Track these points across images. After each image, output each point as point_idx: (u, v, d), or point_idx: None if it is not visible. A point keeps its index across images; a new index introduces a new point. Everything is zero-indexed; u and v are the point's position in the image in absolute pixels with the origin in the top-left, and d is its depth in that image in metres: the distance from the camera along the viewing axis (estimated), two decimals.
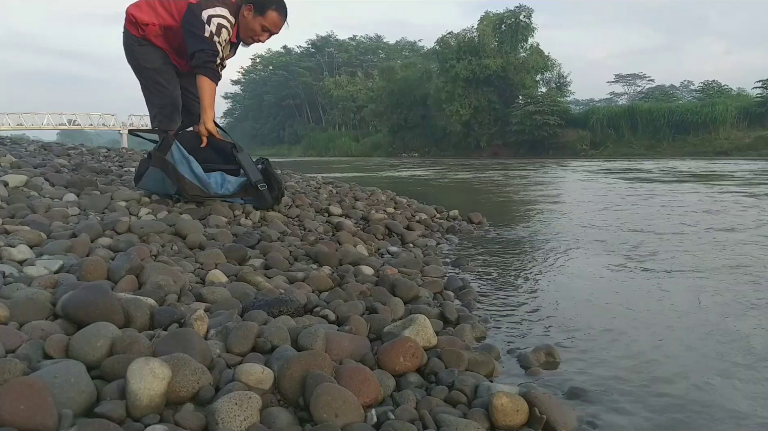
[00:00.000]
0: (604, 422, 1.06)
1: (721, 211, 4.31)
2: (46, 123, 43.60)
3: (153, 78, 2.77)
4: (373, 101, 40.44)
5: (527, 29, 32.78)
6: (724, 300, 1.89)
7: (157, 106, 2.81)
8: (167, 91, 2.81)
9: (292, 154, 43.66)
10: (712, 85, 33.51)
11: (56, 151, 5.33)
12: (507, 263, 2.55)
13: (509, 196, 6.29)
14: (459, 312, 1.64)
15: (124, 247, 1.75)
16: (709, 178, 8.74)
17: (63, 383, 0.85)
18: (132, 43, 2.73)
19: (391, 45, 58.58)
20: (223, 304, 1.40)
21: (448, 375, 1.14)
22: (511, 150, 29.89)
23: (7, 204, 2.19)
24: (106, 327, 1.03)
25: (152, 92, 2.80)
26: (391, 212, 3.50)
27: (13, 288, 1.26)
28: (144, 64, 2.75)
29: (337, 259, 2.10)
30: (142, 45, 2.72)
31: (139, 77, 2.81)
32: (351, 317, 1.38)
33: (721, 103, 25.50)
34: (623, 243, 2.96)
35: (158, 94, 2.79)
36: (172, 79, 2.81)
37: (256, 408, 0.89)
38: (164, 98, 2.80)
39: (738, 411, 1.11)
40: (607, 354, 1.41)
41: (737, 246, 2.84)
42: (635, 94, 47.16)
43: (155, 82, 2.78)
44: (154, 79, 2.78)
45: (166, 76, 2.79)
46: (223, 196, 2.60)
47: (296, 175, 5.37)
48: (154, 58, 2.75)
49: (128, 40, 2.75)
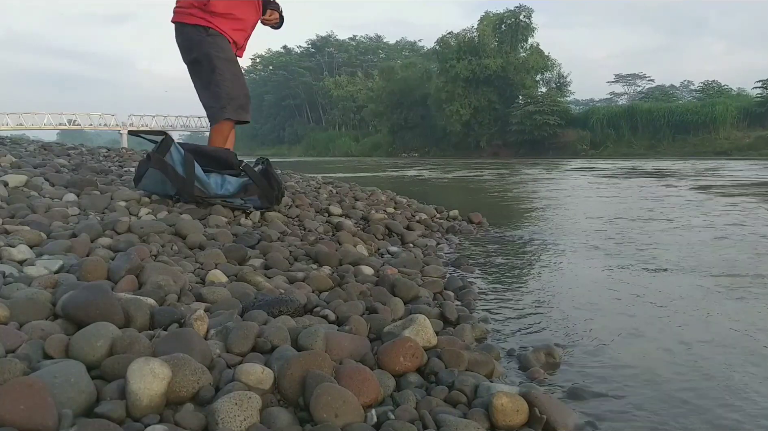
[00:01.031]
0: (605, 422, 1.06)
1: (723, 212, 4.31)
2: (46, 123, 43.58)
3: (226, 68, 2.76)
4: (373, 101, 40.46)
5: (527, 29, 32.81)
6: (726, 300, 1.89)
7: (226, 97, 2.78)
8: (240, 81, 2.80)
9: (292, 154, 43.67)
10: (712, 85, 33.54)
11: (56, 151, 5.33)
12: (507, 263, 2.55)
13: (509, 196, 6.29)
14: (459, 312, 1.64)
15: (124, 247, 1.74)
16: (712, 178, 8.74)
17: (63, 383, 0.85)
18: (198, 34, 2.72)
19: (391, 45, 58.60)
20: (223, 304, 1.40)
21: (448, 375, 1.14)
22: (511, 150, 29.90)
23: (7, 204, 2.18)
24: (106, 327, 1.03)
25: (223, 82, 2.77)
26: (391, 212, 3.50)
27: (13, 288, 1.26)
28: (216, 53, 2.73)
29: (337, 259, 2.10)
30: (212, 35, 2.71)
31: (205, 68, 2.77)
32: (351, 317, 1.38)
33: (721, 103, 25.52)
34: (624, 244, 2.96)
35: (232, 83, 2.77)
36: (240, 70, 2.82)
37: (256, 408, 0.89)
38: (238, 88, 2.79)
39: (739, 412, 1.11)
40: (608, 355, 1.41)
41: (741, 247, 2.83)
42: (635, 94, 47.17)
43: (230, 72, 2.76)
44: (229, 69, 2.76)
45: (237, 66, 2.79)
46: (223, 196, 2.60)
47: (296, 175, 5.37)
48: (226, 48, 2.75)
49: (192, 32, 2.72)
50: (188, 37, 2.74)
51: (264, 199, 2.67)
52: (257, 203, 2.67)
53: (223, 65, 2.77)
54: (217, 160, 2.66)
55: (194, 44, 2.74)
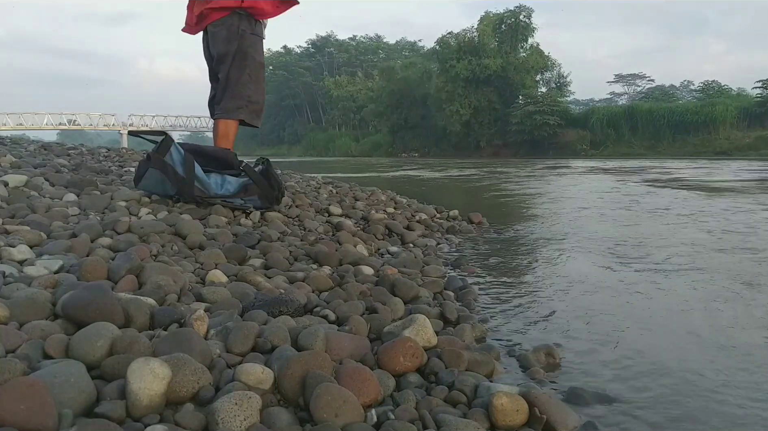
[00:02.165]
0: (605, 422, 1.06)
1: (723, 213, 4.31)
2: (46, 123, 43.59)
3: (258, 71, 2.78)
4: (373, 101, 40.50)
5: (527, 29, 32.84)
6: (728, 301, 1.89)
7: (246, 99, 2.80)
8: (262, 87, 2.82)
9: (292, 154, 43.69)
10: (712, 85, 33.55)
11: (56, 151, 5.32)
12: (507, 263, 2.55)
13: (509, 196, 6.29)
14: (459, 312, 1.64)
15: (124, 247, 1.75)
16: (712, 178, 8.74)
17: (63, 383, 0.85)
18: (245, 29, 2.74)
19: (391, 45, 58.65)
20: (223, 304, 1.40)
21: (448, 375, 1.14)
22: (511, 150, 29.92)
23: (7, 204, 2.18)
24: (106, 327, 1.03)
25: (249, 83, 2.78)
26: (391, 212, 3.50)
27: (13, 288, 1.26)
28: (254, 54, 2.76)
29: (337, 259, 2.10)
30: (255, 34, 2.74)
31: (238, 65, 2.78)
32: (351, 317, 1.38)
33: (721, 103, 25.54)
34: (624, 243, 2.96)
35: (256, 88, 2.79)
36: (264, 76, 2.84)
37: (256, 408, 0.89)
38: (260, 95, 2.81)
39: (740, 413, 1.11)
40: (608, 355, 1.41)
41: (741, 247, 2.83)
42: (635, 94, 47.20)
43: (258, 76, 2.78)
44: (259, 73, 2.78)
45: (264, 71, 2.81)
46: (223, 196, 2.60)
47: (296, 175, 5.37)
48: (261, 52, 2.77)
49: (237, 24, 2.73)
50: (230, 27, 2.74)
51: (264, 199, 2.67)
52: (257, 203, 2.67)
53: (256, 67, 2.79)
54: (217, 160, 2.66)
55: (236, 36, 2.75)
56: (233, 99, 2.82)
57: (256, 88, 2.82)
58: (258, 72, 2.81)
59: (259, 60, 2.79)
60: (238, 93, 2.80)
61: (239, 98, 2.80)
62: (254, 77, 2.81)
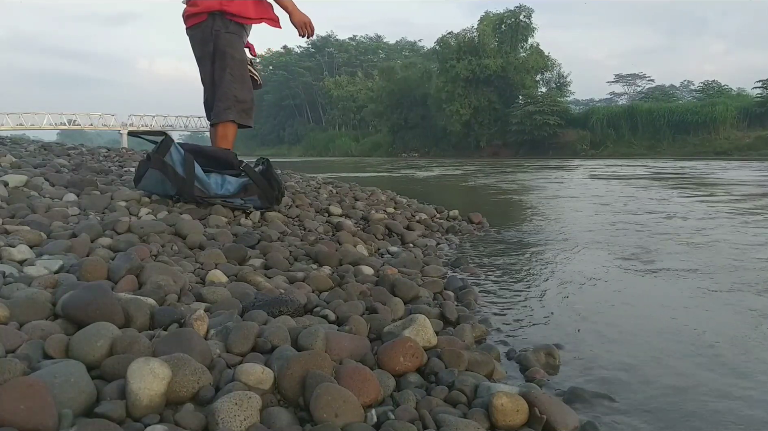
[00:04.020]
0: (605, 422, 1.06)
1: (725, 214, 4.31)
2: (46, 123, 43.58)
3: (239, 69, 2.75)
4: (373, 101, 40.49)
5: (527, 29, 32.83)
6: (729, 302, 1.89)
7: (233, 98, 2.77)
8: (249, 85, 2.78)
9: (292, 154, 43.69)
10: (712, 85, 33.55)
11: (56, 151, 5.32)
12: (507, 263, 2.55)
13: (509, 196, 6.29)
14: (459, 312, 1.64)
15: (124, 247, 1.75)
16: (711, 179, 8.74)
17: (63, 383, 0.85)
18: (219, 29, 2.72)
19: (391, 45, 58.66)
20: (223, 304, 1.40)
21: (448, 375, 1.14)
22: (511, 150, 29.92)
23: (7, 204, 2.18)
24: (106, 327, 1.03)
25: (233, 83, 2.76)
26: (391, 212, 3.50)
27: (13, 288, 1.26)
28: (233, 52, 2.73)
29: (337, 259, 2.10)
30: (230, 32, 2.71)
31: (218, 66, 2.76)
32: (351, 317, 1.38)
33: (721, 103, 25.54)
34: (624, 243, 2.96)
35: (241, 86, 2.76)
36: (248, 73, 2.80)
37: (256, 408, 0.89)
38: (246, 92, 2.77)
39: (740, 413, 1.11)
40: (608, 355, 1.41)
41: (743, 248, 2.83)
42: (635, 94, 47.20)
43: (241, 74, 2.75)
44: (241, 71, 2.75)
45: (247, 68, 2.77)
46: (223, 196, 2.60)
47: (296, 175, 5.37)
48: (241, 49, 2.74)
49: (211, 25, 2.72)
50: (205, 28, 2.73)
51: (264, 199, 2.67)
52: (257, 203, 2.67)
53: (237, 65, 2.76)
54: (217, 160, 2.67)
55: (211, 37, 2.74)
56: (221, 101, 2.82)
57: (241, 86, 2.80)
58: (240, 69, 2.78)
59: (239, 57, 2.76)
60: (224, 94, 2.80)
61: (226, 99, 2.80)
62: (237, 76, 2.79)
